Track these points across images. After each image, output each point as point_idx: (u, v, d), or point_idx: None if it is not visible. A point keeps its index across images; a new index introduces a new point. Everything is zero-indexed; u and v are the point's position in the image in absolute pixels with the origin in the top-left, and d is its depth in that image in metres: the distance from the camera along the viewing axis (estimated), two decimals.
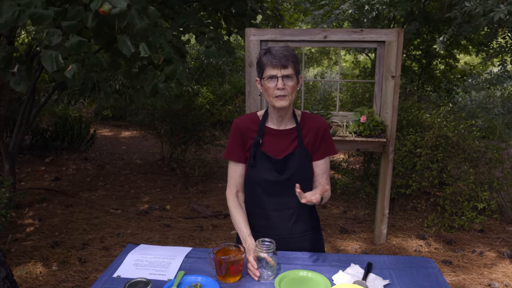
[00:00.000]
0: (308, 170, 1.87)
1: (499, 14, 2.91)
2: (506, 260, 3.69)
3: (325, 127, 1.88)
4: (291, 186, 1.82)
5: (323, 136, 1.87)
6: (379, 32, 3.58)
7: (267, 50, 1.76)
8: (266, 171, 1.83)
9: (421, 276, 1.65)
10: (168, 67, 3.47)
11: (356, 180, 5.11)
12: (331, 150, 1.90)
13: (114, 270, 1.70)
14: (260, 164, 1.82)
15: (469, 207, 4.16)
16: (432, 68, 8.10)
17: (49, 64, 2.69)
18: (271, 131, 1.86)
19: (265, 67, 1.73)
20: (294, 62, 1.74)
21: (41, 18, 2.67)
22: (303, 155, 1.84)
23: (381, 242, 4.00)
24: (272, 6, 5.28)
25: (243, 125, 1.88)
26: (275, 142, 1.84)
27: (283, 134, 1.85)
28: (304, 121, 1.87)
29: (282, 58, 1.70)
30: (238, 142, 1.87)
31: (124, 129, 9.67)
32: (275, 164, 1.82)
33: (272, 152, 1.83)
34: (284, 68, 1.70)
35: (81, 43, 2.79)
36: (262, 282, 1.61)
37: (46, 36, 2.68)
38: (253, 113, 1.93)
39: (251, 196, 1.92)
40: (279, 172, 1.82)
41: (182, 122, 5.85)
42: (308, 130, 1.86)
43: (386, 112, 3.67)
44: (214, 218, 4.64)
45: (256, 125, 1.87)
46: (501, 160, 4.34)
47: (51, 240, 3.98)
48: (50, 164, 6.54)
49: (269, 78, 1.72)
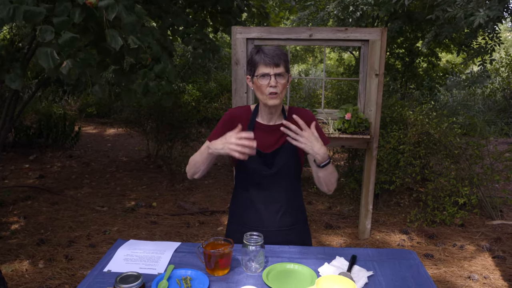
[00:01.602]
0: (297, 164, 1.92)
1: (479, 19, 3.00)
2: (485, 253, 3.80)
3: (312, 120, 1.91)
4: (279, 180, 1.87)
5: (312, 128, 1.89)
6: (363, 31, 3.65)
7: (259, 49, 1.80)
8: (255, 164, 1.88)
9: (403, 267, 1.72)
10: (158, 66, 3.48)
11: (341, 177, 5.19)
12: (323, 140, 1.90)
13: (104, 264, 1.73)
14: (250, 158, 1.86)
15: (450, 202, 4.28)
16: (415, 66, 8.24)
17: (45, 61, 2.70)
18: (261, 126, 1.91)
19: (257, 65, 1.78)
20: (285, 61, 1.80)
21: (33, 15, 2.67)
22: (292, 150, 1.88)
23: (365, 237, 4.08)
24: (258, 4, 5.31)
25: (235, 114, 1.93)
26: (265, 137, 1.88)
27: (273, 129, 1.90)
28: (292, 116, 1.91)
29: (274, 57, 1.76)
30: (224, 128, 1.87)
31: (108, 126, 9.60)
32: (264, 158, 1.87)
33: (261, 147, 1.87)
34: (277, 67, 1.76)
35: (74, 39, 2.80)
36: (250, 274, 1.65)
37: (39, 33, 2.68)
38: (247, 106, 1.98)
39: (240, 189, 1.97)
40: (267, 166, 1.87)
41: (168, 119, 5.85)
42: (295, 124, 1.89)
43: (370, 109, 3.75)
44: (201, 214, 4.67)
45: (248, 118, 1.93)
46: (481, 156, 4.46)
47: (37, 238, 3.96)
48: (34, 162, 6.47)
49: (262, 76, 1.77)
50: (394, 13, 6.46)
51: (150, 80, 3.47)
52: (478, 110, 9.60)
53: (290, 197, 1.93)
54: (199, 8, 4.84)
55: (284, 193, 1.92)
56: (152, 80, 3.47)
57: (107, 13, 2.89)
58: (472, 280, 3.33)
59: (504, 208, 4.82)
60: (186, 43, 4.34)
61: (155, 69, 3.46)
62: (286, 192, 1.93)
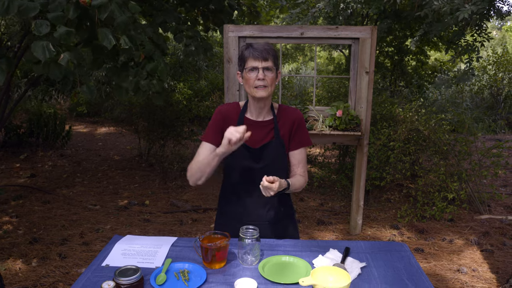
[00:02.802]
0: (283, 160, 1.97)
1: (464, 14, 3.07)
2: (473, 246, 3.89)
3: (300, 119, 1.99)
4: (266, 175, 1.91)
5: (298, 127, 1.98)
6: (354, 29, 3.70)
7: (248, 45, 1.86)
8: (243, 159, 1.92)
9: (395, 259, 1.77)
10: (150, 64, 3.49)
11: (332, 174, 5.25)
12: (305, 141, 2.00)
13: (102, 259, 1.75)
14: (238, 153, 1.90)
15: (439, 197, 4.35)
16: (404, 64, 8.34)
17: (41, 53, 2.71)
18: (250, 121, 1.95)
19: (246, 59, 1.84)
20: (274, 57, 1.86)
21: (28, 9, 2.68)
22: (279, 146, 1.93)
23: (356, 232, 4.14)
24: (249, 3, 5.34)
25: (225, 112, 1.97)
26: (253, 133, 1.90)
27: (261, 125, 1.95)
28: (281, 113, 1.98)
29: (263, 51, 1.82)
30: (218, 127, 1.93)
31: (99, 125, 9.57)
32: (252, 153, 1.92)
33: (250, 142, 1.91)
34: (265, 61, 1.82)
35: (69, 32, 2.81)
36: (246, 267, 1.69)
37: (35, 26, 2.70)
38: (235, 103, 2.02)
39: (228, 183, 2.02)
40: (255, 160, 1.92)
41: (160, 118, 5.86)
42: (284, 121, 1.96)
43: (361, 106, 3.80)
44: (194, 212, 4.69)
45: (237, 115, 1.96)
46: (469, 153, 4.54)
47: (29, 237, 3.95)
48: (25, 161, 6.44)
49: (250, 70, 1.83)
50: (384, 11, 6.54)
51: (142, 78, 3.48)
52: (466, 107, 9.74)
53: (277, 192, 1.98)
54: (191, 7, 4.85)
55: None
56: (144, 79, 3.49)
57: (99, 13, 2.90)
58: (461, 273, 3.40)
59: (492, 203, 4.92)
60: (178, 40, 4.35)
61: (147, 67, 3.48)
62: None
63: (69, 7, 2.87)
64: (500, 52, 10.12)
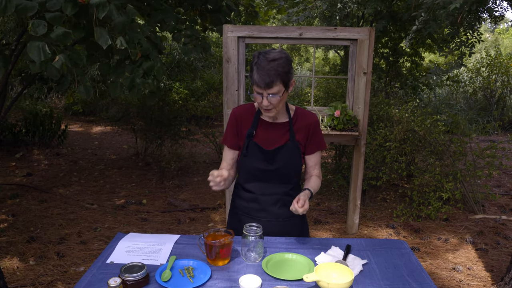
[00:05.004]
0: (297, 162, 1.98)
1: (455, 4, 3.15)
2: (468, 245, 3.94)
3: (316, 123, 2.00)
4: (279, 175, 1.95)
5: (314, 132, 1.99)
6: (352, 30, 3.73)
7: (257, 62, 1.76)
8: (257, 160, 1.94)
9: (395, 256, 1.80)
10: (146, 62, 3.50)
11: (329, 174, 5.29)
12: (322, 145, 2.03)
13: (106, 256, 1.77)
14: (252, 154, 1.93)
15: (435, 197, 4.40)
16: (399, 66, 8.39)
17: (36, 54, 2.70)
18: (265, 122, 1.97)
19: (252, 81, 1.78)
20: (282, 76, 1.75)
21: (26, 9, 2.67)
22: (294, 148, 1.95)
23: (353, 231, 4.18)
24: (246, 3, 5.36)
25: (239, 114, 1.99)
26: (268, 134, 1.94)
27: (276, 126, 1.96)
28: (297, 117, 1.98)
29: (267, 79, 1.73)
30: (233, 130, 1.99)
31: (95, 124, 9.54)
32: (266, 155, 1.93)
33: (264, 143, 1.93)
34: (269, 88, 1.75)
35: (67, 34, 2.81)
36: (250, 264, 1.71)
37: (32, 27, 2.69)
38: (250, 104, 2.03)
39: (243, 180, 2.04)
40: (269, 162, 1.94)
41: (157, 117, 5.87)
42: (301, 126, 1.97)
43: (359, 107, 3.84)
44: (191, 211, 4.71)
45: (252, 116, 1.98)
46: (464, 153, 4.60)
47: (26, 236, 3.95)
48: (21, 160, 6.41)
49: (257, 93, 1.80)
50: (379, 13, 6.59)
51: (137, 76, 3.49)
52: (460, 108, 9.84)
53: (289, 191, 2.00)
54: (189, 6, 4.87)
55: (283, 187, 1.98)
56: (139, 77, 3.49)
57: (98, 12, 2.90)
58: (456, 272, 3.45)
59: (486, 203, 4.98)
60: (177, 39, 4.36)
61: (143, 65, 3.48)
62: (285, 186, 1.99)
63: (67, 5, 2.87)
64: (494, 54, 10.22)
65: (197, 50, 4.29)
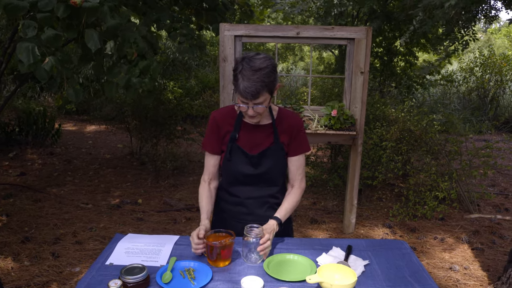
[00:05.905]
0: (282, 165, 1.96)
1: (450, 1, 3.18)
2: (464, 245, 3.95)
3: (300, 126, 1.96)
4: (264, 179, 1.92)
5: (298, 134, 1.95)
6: (349, 29, 3.73)
7: (241, 71, 1.69)
8: (241, 165, 1.90)
9: (396, 256, 1.80)
10: (142, 62, 3.47)
11: (324, 173, 5.29)
12: (305, 147, 1.98)
13: (105, 258, 1.75)
14: (236, 158, 1.90)
15: (431, 197, 4.42)
16: (393, 65, 8.41)
17: (25, 56, 2.65)
18: (248, 125, 1.91)
19: (237, 91, 1.72)
20: (268, 85, 1.70)
21: (16, 9, 2.63)
22: (278, 151, 1.91)
23: (350, 231, 4.18)
24: (242, 2, 5.34)
25: (220, 118, 1.93)
26: (251, 136, 1.90)
27: (260, 128, 1.91)
28: (281, 118, 1.94)
29: (253, 91, 1.67)
30: (214, 134, 1.94)
31: (89, 123, 9.47)
32: (250, 159, 1.89)
33: (248, 147, 1.90)
34: (254, 99, 1.70)
35: (57, 36, 2.77)
36: (251, 265, 1.70)
37: (21, 28, 2.64)
38: (231, 107, 1.96)
39: (227, 184, 2.00)
40: (253, 166, 1.90)
41: (153, 116, 5.83)
42: (284, 128, 1.93)
43: (356, 106, 3.84)
44: (187, 211, 4.68)
45: (233, 119, 1.92)
46: (459, 153, 4.62)
47: (21, 236, 3.90)
48: (14, 159, 6.35)
49: (242, 103, 1.75)
50: (374, 12, 6.60)
51: (134, 76, 3.45)
52: (454, 108, 9.88)
53: (275, 194, 1.99)
54: (185, 5, 4.84)
55: (269, 190, 1.97)
56: (136, 77, 3.46)
57: (87, 15, 2.86)
58: (453, 271, 3.46)
59: (481, 202, 5.01)
60: (173, 38, 4.34)
61: (140, 65, 3.45)
62: (271, 189, 1.97)
63: (59, 6, 2.82)
64: (487, 54, 10.28)
65: (193, 49, 4.27)
